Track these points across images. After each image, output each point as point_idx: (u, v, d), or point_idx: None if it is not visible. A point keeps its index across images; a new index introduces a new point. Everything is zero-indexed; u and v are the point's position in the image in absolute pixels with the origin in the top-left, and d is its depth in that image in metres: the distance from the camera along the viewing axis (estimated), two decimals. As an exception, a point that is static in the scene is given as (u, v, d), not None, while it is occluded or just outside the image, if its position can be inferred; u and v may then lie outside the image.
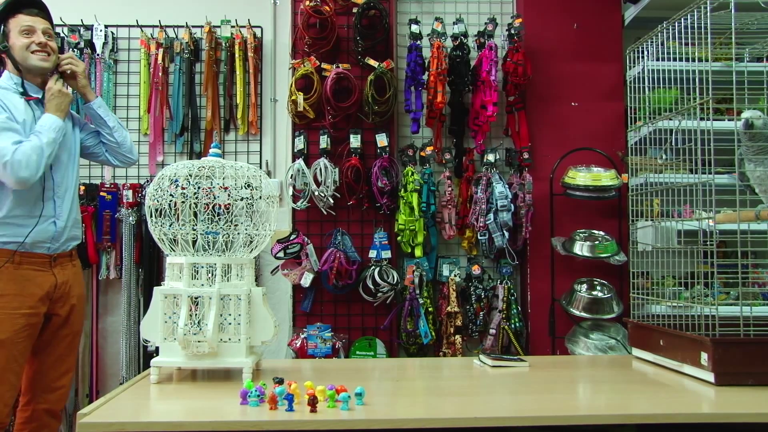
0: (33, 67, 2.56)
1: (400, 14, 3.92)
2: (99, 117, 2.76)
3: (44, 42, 2.56)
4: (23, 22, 2.55)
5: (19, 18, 2.56)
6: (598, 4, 3.81)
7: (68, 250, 2.62)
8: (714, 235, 2.06)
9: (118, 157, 2.79)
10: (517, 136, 3.77)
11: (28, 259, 2.47)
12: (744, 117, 2.09)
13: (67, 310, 2.59)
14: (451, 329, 3.55)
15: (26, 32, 2.54)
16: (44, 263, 2.51)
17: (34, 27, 2.56)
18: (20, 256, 2.45)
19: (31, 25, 2.55)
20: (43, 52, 2.56)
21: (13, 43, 2.55)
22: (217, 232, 1.81)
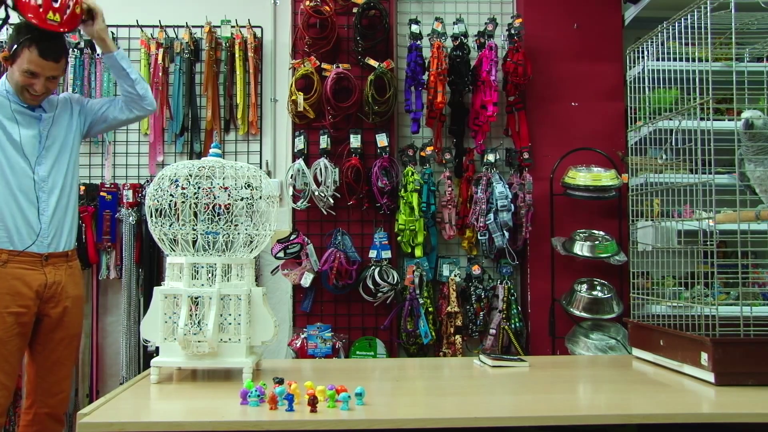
0: (23, 103, 2.53)
1: (400, 14, 3.92)
2: (121, 69, 2.69)
3: (40, 93, 2.50)
4: (31, 63, 2.44)
5: (32, 55, 2.44)
6: (598, 4, 3.81)
7: (63, 250, 2.57)
8: (714, 235, 2.06)
9: (137, 109, 2.74)
10: (517, 136, 3.77)
11: (17, 258, 2.45)
12: (744, 117, 2.10)
13: (59, 312, 2.54)
14: (451, 329, 3.55)
15: (29, 74, 2.45)
16: (35, 262, 2.48)
17: (40, 74, 2.46)
18: (8, 254, 2.43)
19: (37, 72, 2.45)
20: (38, 98, 2.52)
21: (14, 70, 2.47)
22: (217, 232, 1.81)
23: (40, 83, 2.47)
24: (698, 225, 2.18)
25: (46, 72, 2.47)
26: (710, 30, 1.99)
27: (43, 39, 2.43)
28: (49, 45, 2.45)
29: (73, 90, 3.77)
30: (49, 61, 2.45)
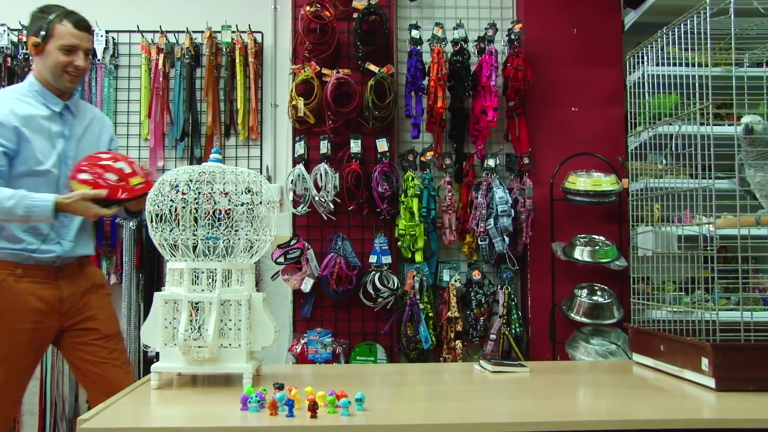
0: (61, 88, 2.46)
1: (401, 19, 3.92)
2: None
3: (83, 68, 2.45)
4: (70, 36, 2.40)
5: (67, 28, 2.40)
6: (598, 9, 3.82)
7: (76, 258, 2.50)
8: (714, 241, 2.06)
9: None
10: (518, 141, 3.77)
11: (30, 272, 2.38)
12: (744, 122, 2.10)
13: (88, 321, 2.47)
14: (451, 334, 3.54)
15: (68, 50, 2.41)
16: (48, 275, 2.41)
17: (79, 46, 2.42)
18: (22, 268, 2.37)
19: (77, 43, 2.42)
20: (78, 76, 2.47)
21: (49, 51, 2.41)
22: (218, 237, 1.81)
23: (81, 57, 2.44)
24: (698, 230, 2.18)
25: (83, 44, 2.44)
26: (710, 35, 1.99)
27: (72, 12, 2.43)
28: (80, 17, 2.45)
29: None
30: (83, 32, 2.44)
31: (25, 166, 2.40)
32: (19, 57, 3.77)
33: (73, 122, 2.55)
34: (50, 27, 2.40)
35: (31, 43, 2.44)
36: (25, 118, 2.40)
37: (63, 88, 2.48)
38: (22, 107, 2.42)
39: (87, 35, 2.46)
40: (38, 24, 2.43)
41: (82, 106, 2.64)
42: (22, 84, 2.53)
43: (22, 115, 2.40)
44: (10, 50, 3.76)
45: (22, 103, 2.43)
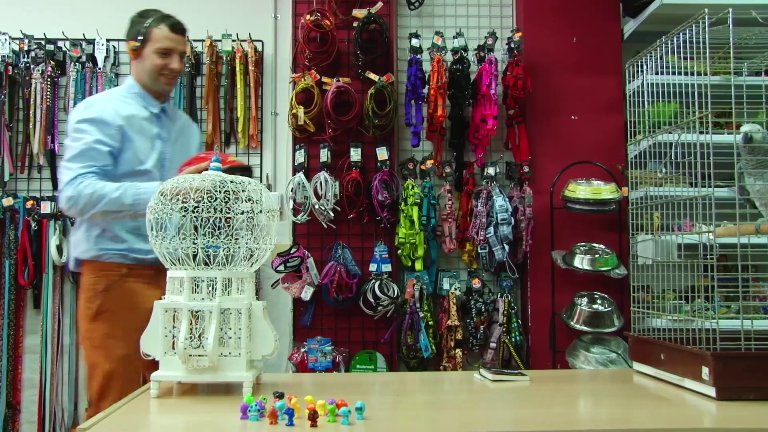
0: (157, 90, 2.52)
1: (401, 28, 3.93)
2: None
3: (178, 70, 2.51)
4: (165, 40, 2.47)
5: (163, 31, 2.48)
6: (597, 18, 3.83)
7: None
8: (714, 249, 2.05)
9: None
10: (518, 149, 3.78)
11: (135, 272, 2.42)
12: (743, 131, 2.10)
13: None
14: (451, 343, 3.54)
15: (164, 53, 2.47)
16: (151, 275, 2.43)
17: (174, 49, 2.49)
18: (127, 268, 2.41)
19: (172, 46, 2.48)
20: (173, 78, 2.53)
21: (146, 55, 2.48)
22: (218, 246, 1.81)
23: (176, 60, 2.50)
24: (698, 239, 2.18)
25: (178, 47, 2.50)
26: (709, 44, 2.00)
27: (168, 16, 2.49)
28: (176, 20, 2.51)
29: (74, 104, 3.77)
30: (178, 35, 2.51)
31: (128, 166, 2.44)
32: (20, 66, 3.78)
33: (170, 125, 2.61)
34: (147, 31, 2.49)
35: (130, 47, 2.52)
36: (127, 118, 2.46)
37: (160, 90, 2.55)
38: (125, 108, 2.48)
39: (182, 38, 2.54)
40: (136, 28, 2.51)
41: (175, 111, 2.71)
42: (121, 86, 2.61)
43: (125, 115, 2.46)
44: (11, 59, 3.77)
45: (123, 103, 2.49)
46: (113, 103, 2.48)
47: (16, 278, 3.71)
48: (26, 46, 3.80)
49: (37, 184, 3.88)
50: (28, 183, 3.87)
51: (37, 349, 3.76)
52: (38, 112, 3.76)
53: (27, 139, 3.80)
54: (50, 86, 3.77)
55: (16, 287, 3.73)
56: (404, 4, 3.95)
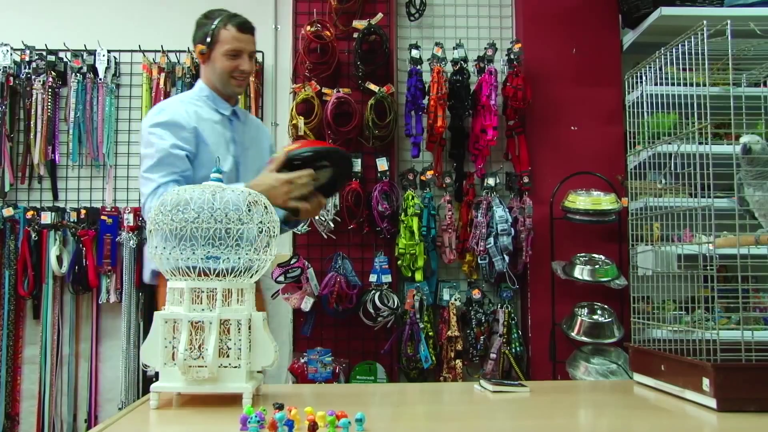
0: (229, 93, 2.48)
1: (401, 39, 3.95)
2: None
3: (248, 71, 2.45)
4: (234, 40, 2.39)
5: (231, 32, 2.39)
6: (597, 29, 3.84)
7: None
8: (714, 260, 2.05)
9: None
10: (517, 160, 3.78)
11: None
12: (742, 142, 2.10)
13: None
14: (451, 354, 3.54)
15: (233, 55, 2.40)
16: None
17: (243, 50, 2.42)
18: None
19: (241, 47, 2.41)
20: (244, 80, 2.47)
21: (215, 57, 2.42)
22: (218, 257, 1.81)
23: (246, 61, 2.43)
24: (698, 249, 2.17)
25: (247, 47, 2.43)
26: (707, 56, 2.00)
27: (235, 15, 2.42)
28: (243, 19, 2.43)
29: (75, 114, 3.79)
30: (247, 35, 2.43)
31: (204, 170, 2.36)
32: (21, 76, 3.79)
33: (242, 128, 2.55)
34: (215, 33, 2.40)
35: (198, 51, 2.46)
36: (201, 121, 2.41)
37: (231, 93, 2.50)
38: (197, 111, 2.43)
39: (250, 37, 2.46)
40: (203, 31, 2.44)
41: (246, 113, 2.67)
42: (192, 90, 2.55)
43: (198, 118, 2.41)
44: (12, 69, 3.78)
45: (194, 107, 2.44)
46: (185, 105, 2.43)
47: (16, 288, 3.71)
48: (28, 57, 3.81)
49: (37, 194, 3.88)
50: (29, 193, 3.88)
51: (36, 360, 3.76)
52: (39, 122, 3.77)
53: (28, 149, 3.80)
54: (51, 97, 3.78)
55: (16, 297, 3.73)
56: (404, 15, 3.97)
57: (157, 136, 2.36)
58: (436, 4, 4.04)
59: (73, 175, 3.90)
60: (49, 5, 4.00)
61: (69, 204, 3.84)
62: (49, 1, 4.01)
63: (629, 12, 3.62)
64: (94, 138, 3.83)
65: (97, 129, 3.83)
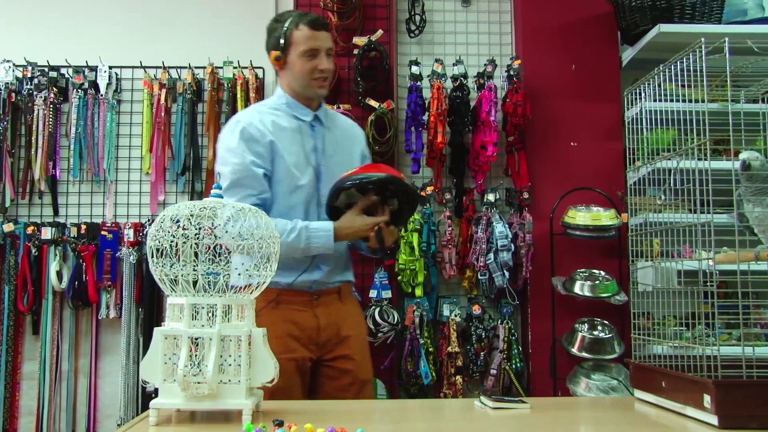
0: (311, 96, 2.38)
1: (401, 56, 3.97)
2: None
3: (329, 69, 2.34)
4: (309, 39, 2.28)
5: (303, 31, 2.29)
6: (596, 46, 3.86)
7: (335, 287, 2.39)
8: (714, 276, 2.05)
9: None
10: (517, 175, 3.79)
11: (288, 298, 2.29)
12: (741, 158, 2.11)
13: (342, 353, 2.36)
14: (451, 369, 3.52)
15: (310, 54, 2.29)
16: (305, 302, 2.32)
17: (320, 48, 2.30)
18: (277, 293, 2.27)
19: (318, 45, 2.29)
20: (326, 80, 2.36)
21: (292, 61, 2.32)
22: (218, 272, 1.81)
23: (324, 60, 2.31)
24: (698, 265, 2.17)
25: (324, 45, 2.32)
26: (706, 73, 2.01)
27: (305, 13, 2.33)
28: (314, 16, 2.34)
29: (76, 130, 3.80)
30: (321, 31, 2.32)
31: (282, 184, 2.32)
32: (23, 92, 3.81)
33: (325, 134, 2.44)
34: (288, 35, 2.31)
35: (273, 57, 2.37)
36: (277, 131, 2.33)
37: (314, 96, 2.40)
38: (274, 120, 2.35)
39: (325, 34, 2.34)
40: (275, 36, 2.35)
41: (332, 117, 2.54)
42: (270, 98, 2.48)
43: (274, 129, 2.33)
44: (14, 86, 3.80)
45: (272, 116, 2.37)
46: (261, 115, 2.35)
47: (15, 304, 3.70)
48: (29, 73, 3.83)
49: (37, 209, 3.89)
50: (29, 209, 3.88)
51: (35, 376, 3.75)
52: (40, 138, 3.78)
53: (28, 165, 3.81)
54: (52, 112, 3.80)
55: (15, 313, 3.72)
56: (404, 31, 3.99)
57: (232, 152, 2.30)
58: (436, 21, 4.07)
59: (74, 190, 3.91)
60: (52, 22, 4.02)
61: (69, 219, 3.84)
62: (52, 18, 4.03)
63: (628, 29, 3.64)
64: (94, 153, 3.84)
65: (98, 145, 3.85)
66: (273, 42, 2.36)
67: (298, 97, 2.41)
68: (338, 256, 2.40)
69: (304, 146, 2.37)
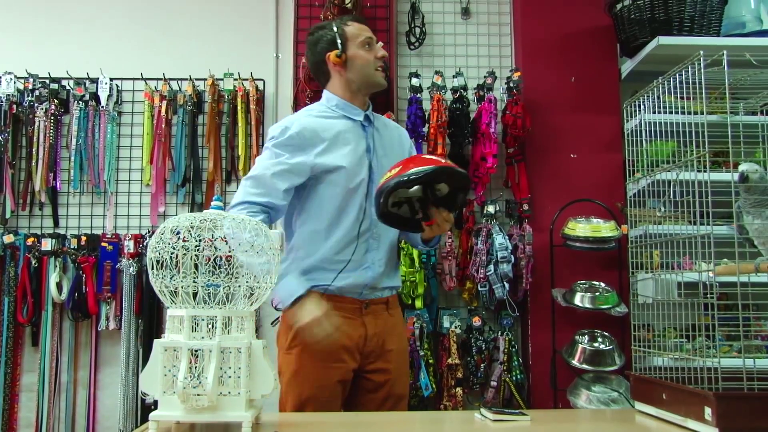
0: (376, 85, 2.38)
1: (401, 68, 3.98)
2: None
3: (385, 55, 2.37)
4: (363, 31, 2.33)
5: (354, 26, 2.33)
6: (595, 58, 3.88)
7: (384, 297, 2.38)
8: (714, 288, 2.05)
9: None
10: (517, 187, 3.79)
11: (336, 305, 2.26)
12: (740, 170, 2.11)
13: (382, 367, 2.34)
14: (451, 381, 3.52)
15: (368, 45, 2.34)
16: (354, 310, 2.30)
17: (372, 37, 2.35)
18: (326, 298, 2.25)
19: (371, 35, 2.34)
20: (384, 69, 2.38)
21: (354, 55, 2.33)
22: (218, 284, 1.81)
23: (378, 47, 2.36)
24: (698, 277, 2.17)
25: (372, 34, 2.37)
26: (705, 85, 2.02)
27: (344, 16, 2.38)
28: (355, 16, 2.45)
29: (77, 141, 3.81)
30: (364, 23, 2.38)
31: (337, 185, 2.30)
32: (24, 104, 3.82)
33: (374, 134, 2.42)
34: (342, 33, 2.33)
35: (332, 58, 2.34)
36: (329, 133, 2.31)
37: (378, 86, 2.40)
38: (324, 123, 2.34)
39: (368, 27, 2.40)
40: (327, 39, 2.35)
41: (378, 118, 2.52)
42: (319, 102, 2.45)
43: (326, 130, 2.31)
44: (15, 97, 3.81)
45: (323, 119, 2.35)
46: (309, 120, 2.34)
47: (15, 315, 3.70)
48: (31, 85, 3.84)
49: (38, 221, 3.89)
50: (29, 220, 3.88)
51: (34, 388, 3.74)
52: (41, 149, 3.79)
53: (29, 176, 3.82)
54: (53, 124, 3.80)
55: (15, 324, 3.72)
56: (404, 43, 4.00)
57: (270, 152, 2.31)
58: (436, 33, 4.09)
59: (74, 201, 3.91)
60: (53, 34, 4.04)
61: (69, 231, 3.84)
62: (53, 30, 4.05)
63: (627, 41, 3.66)
64: (95, 165, 3.85)
65: (99, 156, 3.85)
66: (327, 44, 2.35)
67: (352, 96, 2.40)
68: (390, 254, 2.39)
69: (357, 147, 2.34)
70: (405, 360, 2.48)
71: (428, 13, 4.06)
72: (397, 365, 2.40)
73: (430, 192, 2.20)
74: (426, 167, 2.06)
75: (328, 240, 2.31)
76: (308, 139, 2.30)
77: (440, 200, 2.22)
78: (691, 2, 3.42)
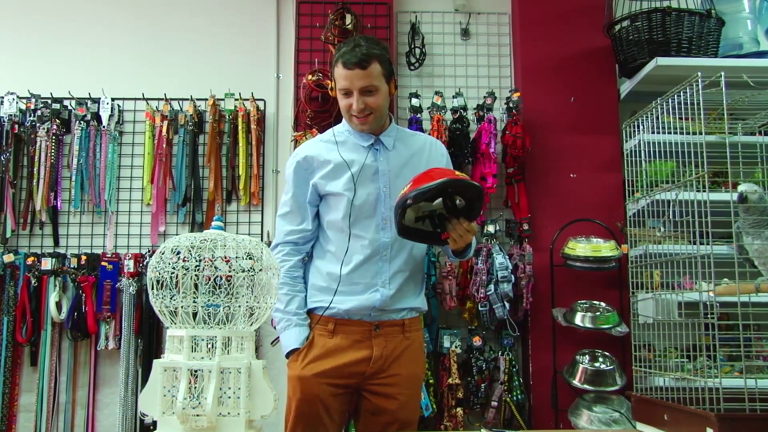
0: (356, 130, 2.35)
1: (401, 88, 4.00)
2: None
3: (358, 111, 2.27)
4: (341, 79, 2.26)
5: (339, 69, 2.26)
6: (594, 79, 3.90)
7: (399, 319, 2.33)
8: (715, 308, 2.05)
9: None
10: (517, 207, 3.80)
11: (343, 328, 2.27)
12: (739, 190, 2.12)
13: (386, 392, 2.29)
14: (452, 401, 3.50)
15: (344, 93, 2.28)
16: (363, 332, 2.28)
17: (350, 88, 2.25)
18: (334, 323, 2.27)
19: (347, 86, 2.25)
20: (365, 117, 2.29)
21: (337, 96, 2.33)
22: (218, 305, 1.81)
23: (355, 100, 2.25)
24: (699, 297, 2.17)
25: (355, 84, 2.24)
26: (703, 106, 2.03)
27: (348, 50, 2.25)
28: (352, 53, 2.23)
29: (78, 161, 3.82)
30: (353, 70, 2.22)
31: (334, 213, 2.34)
32: (26, 124, 3.83)
33: (389, 156, 2.38)
34: (333, 72, 2.32)
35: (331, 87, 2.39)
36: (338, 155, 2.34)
37: (357, 131, 2.37)
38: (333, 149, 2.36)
39: (359, 72, 2.23)
40: (331, 69, 2.36)
41: (404, 137, 2.46)
42: (340, 124, 2.46)
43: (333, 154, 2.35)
44: (17, 117, 3.82)
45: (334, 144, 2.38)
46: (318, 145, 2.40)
47: (14, 335, 3.69)
48: (33, 105, 3.86)
49: (38, 240, 3.89)
50: (30, 239, 3.88)
51: (32, 408, 3.71)
52: (42, 169, 3.79)
53: (30, 195, 3.82)
54: (55, 144, 3.81)
55: (14, 344, 3.70)
56: (404, 64, 4.03)
57: (289, 183, 2.42)
58: (436, 54, 4.11)
59: (75, 221, 3.91)
60: (55, 54, 4.06)
61: (70, 250, 3.84)
62: (55, 51, 4.07)
63: (625, 62, 3.68)
64: (96, 185, 3.86)
65: (100, 176, 3.86)
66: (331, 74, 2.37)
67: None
68: (406, 277, 2.36)
69: (365, 171, 2.33)
70: (416, 386, 2.43)
71: (428, 34, 4.09)
72: (407, 391, 2.34)
73: (450, 203, 2.18)
74: (427, 184, 2.06)
75: (335, 263, 2.33)
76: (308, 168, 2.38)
77: (462, 211, 2.20)
78: (689, 23, 3.45)
